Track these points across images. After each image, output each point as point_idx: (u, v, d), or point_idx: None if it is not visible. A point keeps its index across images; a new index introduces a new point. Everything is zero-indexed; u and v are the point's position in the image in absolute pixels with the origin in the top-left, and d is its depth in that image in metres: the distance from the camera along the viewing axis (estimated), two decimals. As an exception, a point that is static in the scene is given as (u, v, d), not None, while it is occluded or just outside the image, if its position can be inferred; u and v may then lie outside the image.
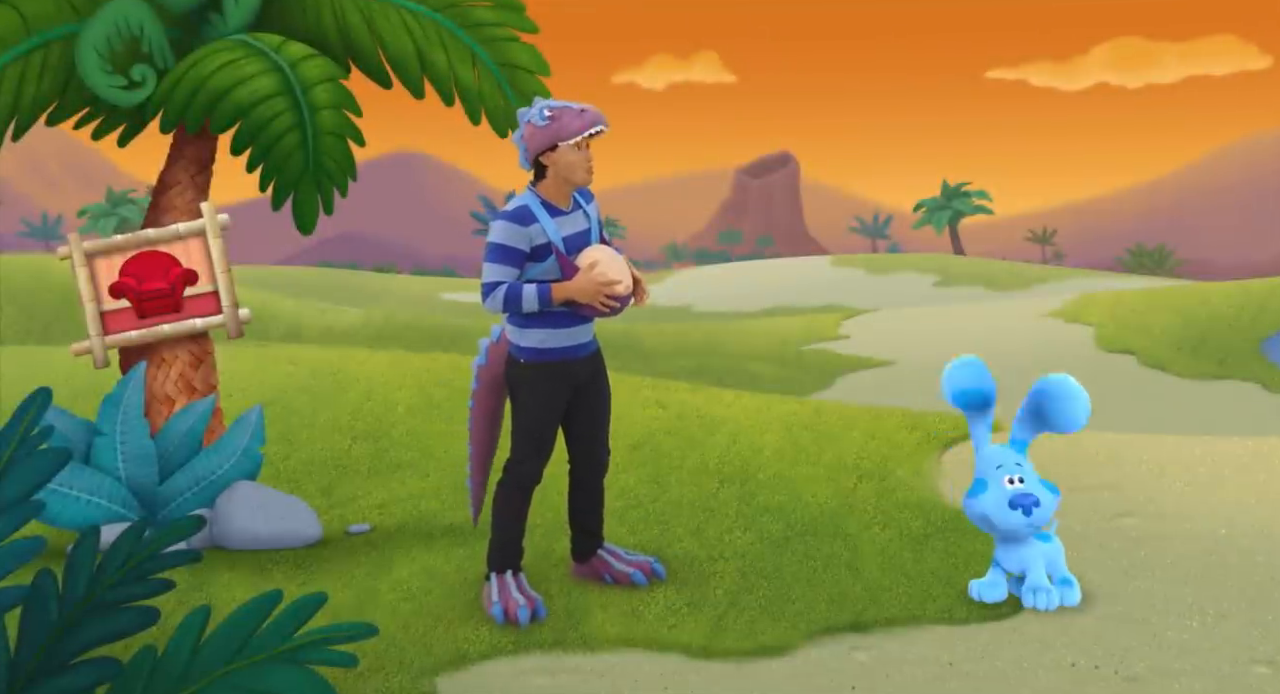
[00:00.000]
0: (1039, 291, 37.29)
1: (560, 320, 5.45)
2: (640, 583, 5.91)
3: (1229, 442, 7.62)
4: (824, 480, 6.89)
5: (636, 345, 22.29)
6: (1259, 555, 6.07)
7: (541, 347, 5.49)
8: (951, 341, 21.67)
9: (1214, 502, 6.18)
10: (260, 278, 38.91)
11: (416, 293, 40.79)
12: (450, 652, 5.41)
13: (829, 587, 5.93)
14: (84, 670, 3.58)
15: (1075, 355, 19.73)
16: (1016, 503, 5.54)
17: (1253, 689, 4.85)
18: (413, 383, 8.01)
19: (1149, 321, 20.43)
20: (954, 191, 67.06)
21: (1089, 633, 5.43)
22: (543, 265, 5.37)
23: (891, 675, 5.19)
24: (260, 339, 20.72)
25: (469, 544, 6.22)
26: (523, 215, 5.36)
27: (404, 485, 6.81)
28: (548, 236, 5.35)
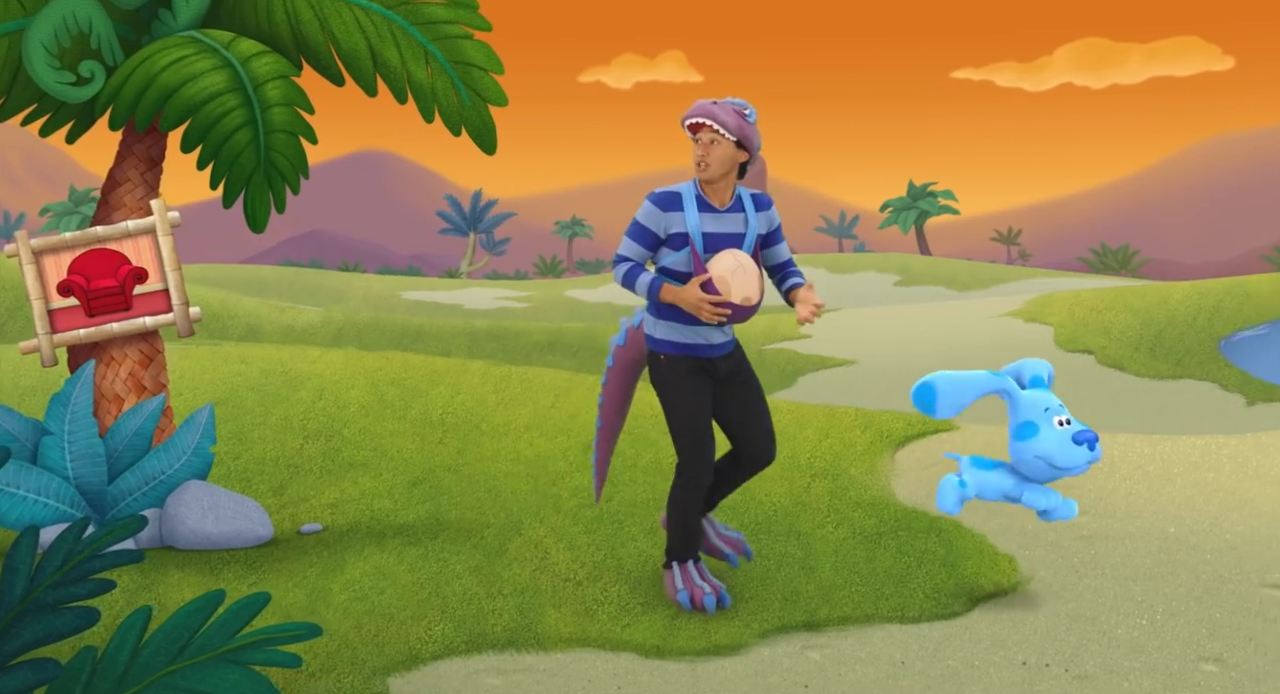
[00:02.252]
0: (999, 291, 37.48)
1: (683, 317, 5.43)
2: (735, 565, 5.94)
3: (1178, 440, 7.68)
4: (777, 479, 6.89)
5: (597, 345, 22.25)
6: (1207, 553, 6.12)
7: (668, 339, 5.50)
8: (912, 341, 21.77)
9: (1163, 500, 6.22)
10: (221, 276, 38.65)
11: (378, 292, 40.55)
12: (402, 652, 5.38)
13: (782, 586, 5.94)
14: (22, 672, 3.54)
15: (1034, 355, 19.74)
16: (1081, 439, 5.46)
17: (1200, 687, 4.88)
18: (365, 382, 7.97)
19: (1107, 321, 20.56)
20: (920, 191, 67.27)
21: (1040, 631, 5.46)
22: (677, 255, 5.39)
23: (844, 674, 5.20)
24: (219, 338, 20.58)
25: (422, 544, 6.19)
26: (666, 200, 5.40)
27: (356, 485, 6.77)
28: (685, 227, 5.36)
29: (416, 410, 7.62)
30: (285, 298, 33.76)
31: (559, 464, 7.01)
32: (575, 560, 6.13)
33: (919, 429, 7.69)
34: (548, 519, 6.46)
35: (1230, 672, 4.98)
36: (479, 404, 7.79)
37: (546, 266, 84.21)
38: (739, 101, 5.43)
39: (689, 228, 5.34)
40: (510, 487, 6.79)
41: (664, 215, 5.36)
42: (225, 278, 38.29)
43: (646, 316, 5.58)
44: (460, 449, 7.16)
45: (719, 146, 5.36)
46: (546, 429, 7.41)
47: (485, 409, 7.72)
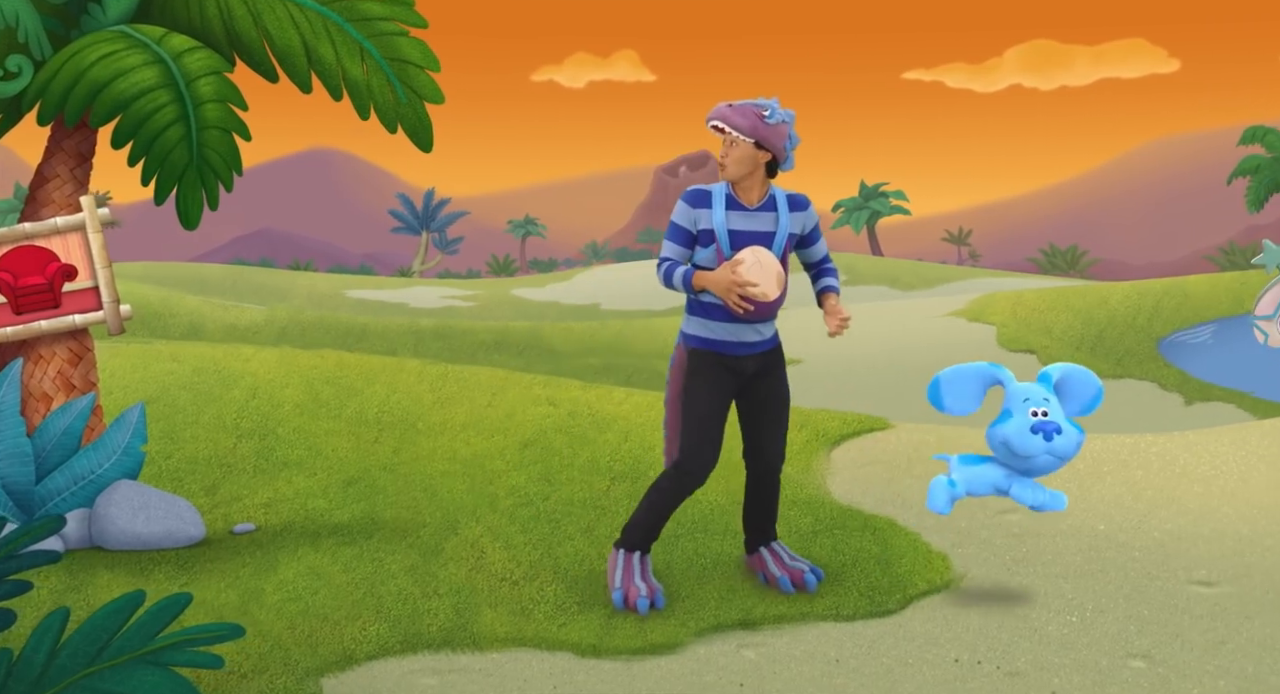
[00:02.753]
0: (943, 291, 37.71)
1: (715, 313, 5.55)
2: (787, 591, 5.87)
3: (1108, 439, 7.76)
4: (715, 478, 6.88)
5: (543, 344, 22.23)
6: (1136, 551, 6.18)
7: (699, 335, 5.63)
8: (857, 341, 21.86)
9: (1093, 498, 6.28)
10: (164, 274, 38.24)
11: (322, 290, 40.28)
12: (336, 652, 5.35)
13: (718, 584, 5.95)
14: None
15: (977, 354, 19.96)
16: (1038, 428, 5.53)
17: (1129, 683, 4.93)
18: (300, 380, 7.90)
19: (1049, 321, 20.75)
20: (872, 192, 67.48)
21: (972, 628, 5.49)
22: (705, 252, 5.53)
23: (779, 672, 5.22)
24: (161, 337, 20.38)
25: (356, 543, 6.16)
26: (696, 198, 5.55)
27: (290, 484, 6.72)
28: (711, 224, 5.49)
29: (352, 409, 7.57)
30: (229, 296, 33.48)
31: (496, 463, 6.99)
32: (511, 560, 6.11)
33: (854, 428, 7.73)
34: (484, 518, 6.44)
35: (1157, 668, 5.03)
36: (415, 403, 7.75)
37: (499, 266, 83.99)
38: (761, 102, 5.54)
39: (714, 224, 5.48)
40: (446, 486, 6.76)
41: (694, 212, 5.52)
42: (168, 276, 37.90)
43: (685, 315, 5.74)
44: (396, 448, 7.13)
45: (737, 148, 5.49)
46: (483, 428, 7.39)
47: (421, 408, 7.68)
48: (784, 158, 5.57)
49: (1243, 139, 35.17)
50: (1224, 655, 5.10)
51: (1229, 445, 7.51)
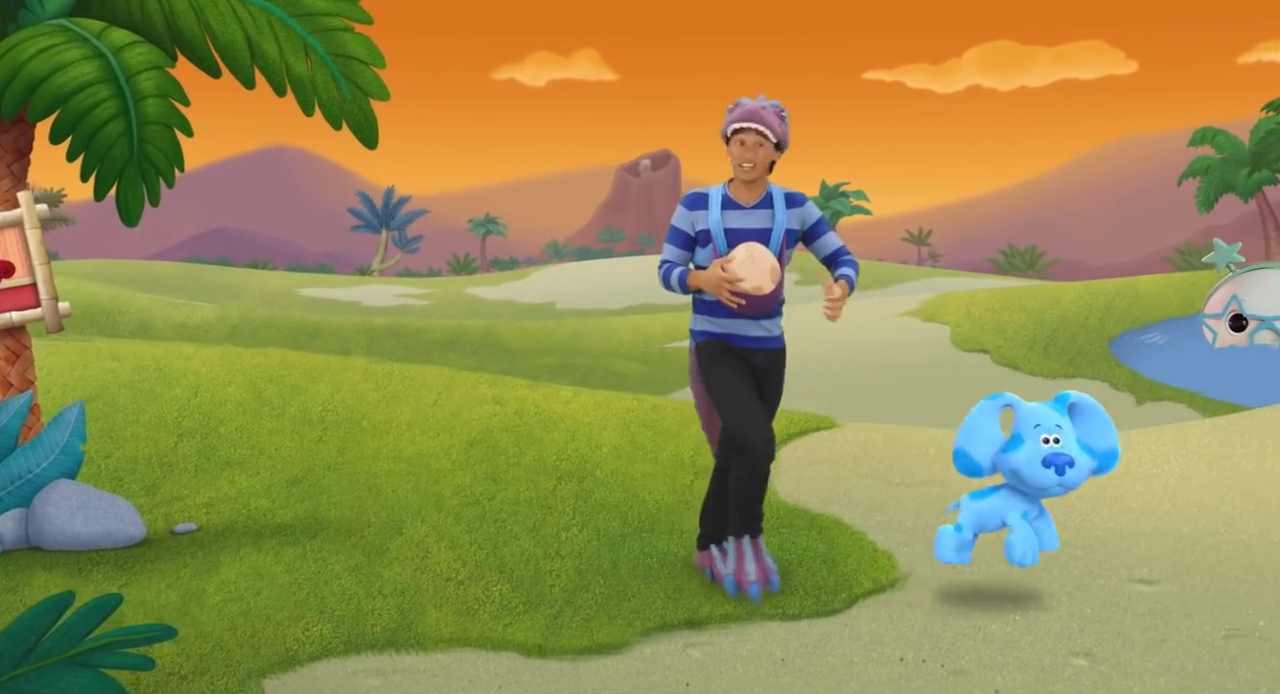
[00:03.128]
0: (898, 291, 37.90)
1: (718, 310, 5.71)
2: (732, 592, 5.88)
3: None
4: (661, 477, 6.90)
5: (498, 343, 22.17)
6: (1078, 549, 6.22)
7: (707, 329, 5.82)
8: (811, 339, 21.91)
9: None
10: (114, 272, 37.90)
11: (274, 289, 40.04)
12: (279, 653, 5.31)
13: (665, 584, 5.95)
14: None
15: (931, 354, 20.10)
16: (1050, 461, 5.46)
17: (1071, 681, 4.95)
18: (243, 379, 7.82)
19: (1003, 321, 20.88)
20: (832, 191, 67.63)
21: (917, 627, 5.51)
22: (704, 251, 5.70)
23: (725, 671, 5.22)
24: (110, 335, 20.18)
25: (300, 543, 6.10)
26: (695, 201, 5.73)
27: (233, 484, 6.66)
28: (708, 225, 5.65)
29: (295, 408, 7.50)
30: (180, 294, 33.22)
31: (441, 462, 6.95)
32: (457, 559, 6.09)
33: (801, 427, 7.74)
34: (429, 518, 6.40)
35: (1099, 666, 5.06)
36: (360, 401, 7.69)
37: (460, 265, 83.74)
38: (775, 103, 5.69)
39: (710, 225, 5.64)
40: (391, 485, 6.72)
41: (691, 214, 5.70)
42: (118, 274, 37.56)
43: (691, 313, 5.90)
44: (340, 447, 7.07)
45: (763, 149, 5.62)
46: (429, 427, 7.34)
47: (366, 407, 7.63)
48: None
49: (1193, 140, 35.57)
50: (1164, 653, 5.13)
51: (1170, 444, 7.57)
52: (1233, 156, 35.68)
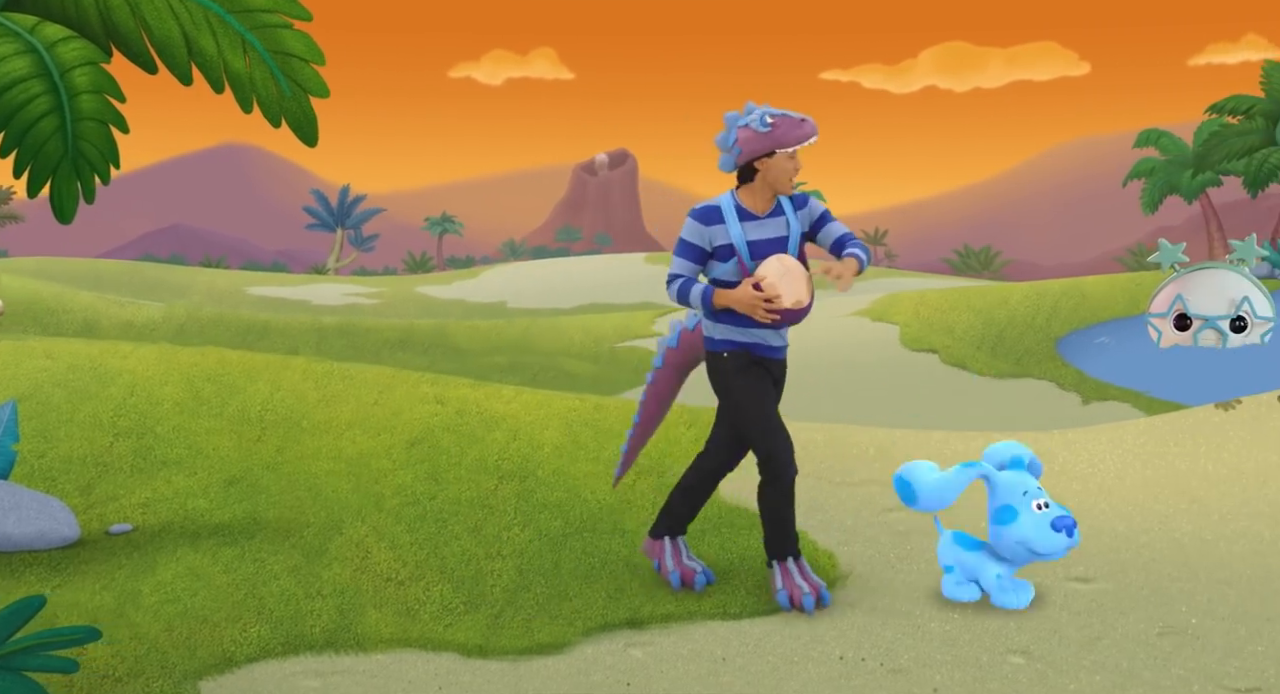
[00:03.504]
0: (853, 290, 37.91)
1: (745, 319, 5.57)
2: (675, 587, 5.90)
3: (990, 437, 7.83)
4: (604, 477, 6.89)
5: (449, 342, 22.07)
6: (1010, 549, 6.24)
7: (734, 338, 5.64)
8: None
9: (974, 496, 6.32)
10: (60, 270, 37.44)
11: (222, 287, 39.66)
12: (215, 655, 5.27)
13: (606, 583, 5.94)
14: None
15: (880, 353, 20.16)
16: (1059, 526, 5.48)
17: (1008, 678, 4.98)
18: (180, 378, 7.74)
19: (951, 321, 20.98)
20: (789, 191, 67.73)
21: (857, 626, 5.53)
22: (725, 265, 5.54)
23: (666, 671, 5.22)
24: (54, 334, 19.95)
25: (238, 544, 6.05)
26: (709, 215, 5.55)
27: (169, 484, 6.58)
28: (729, 239, 5.50)
29: (234, 407, 7.43)
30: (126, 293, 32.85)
31: (382, 462, 6.90)
32: (397, 560, 6.05)
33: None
34: (369, 518, 6.36)
35: (1035, 663, 5.10)
36: (299, 401, 7.63)
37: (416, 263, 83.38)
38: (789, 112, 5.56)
39: (733, 239, 5.50)
40: (331, 485, 6.67)
41: (707, 229, 5.53)
42: (63, 272, 37.12)
43: (705, 322, 5.72)
44: (279, 447, 7.01)
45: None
46: (369, 427, 7.30)
47: (306, 406, 7.57)
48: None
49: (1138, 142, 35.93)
50: (1099, 651, 5.17)
51: (1106, 444, 7.63)
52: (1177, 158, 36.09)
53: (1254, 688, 4.77)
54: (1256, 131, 29.36)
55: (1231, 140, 29.64)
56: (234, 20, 6.00)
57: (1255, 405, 7.61)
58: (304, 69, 6.19)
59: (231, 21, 6.00)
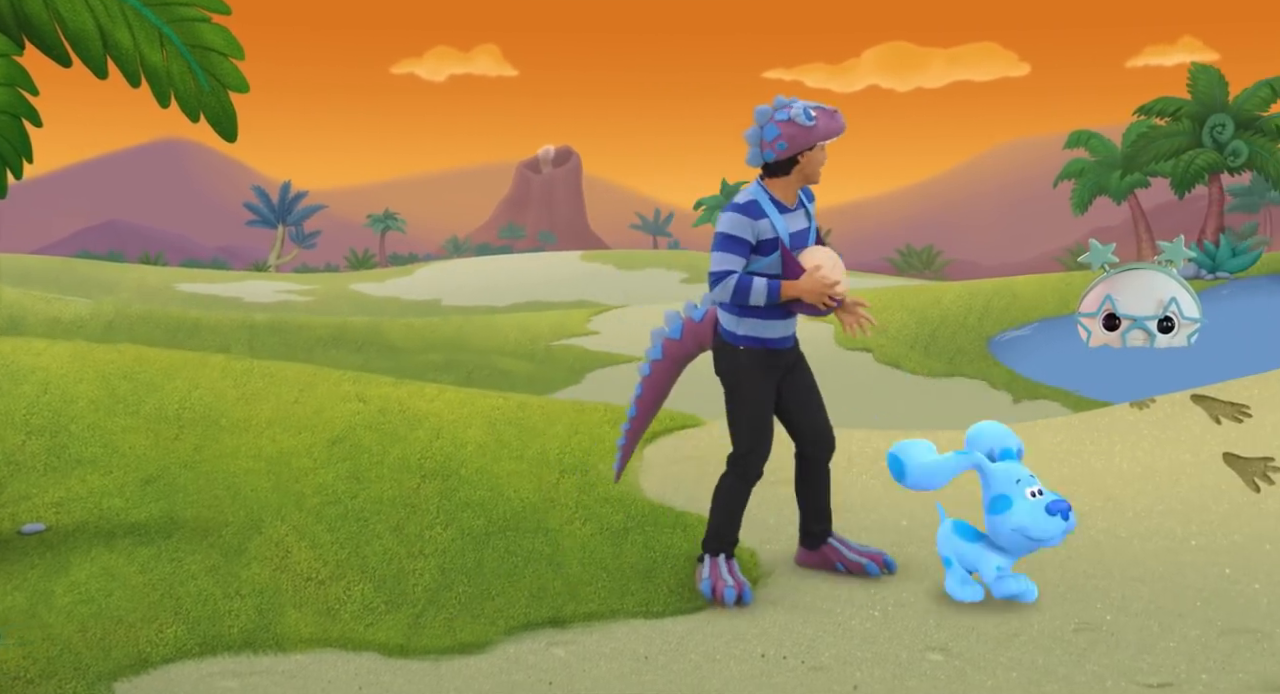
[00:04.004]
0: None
1: (773, 313, 5.62)
2: (873, 573, 5.96)
3: (911, 435, 7.89)
4: (527, 475, 6.86)
5: (383, 340, 21.95)
6: (935, 546, 6.29)
7: (756, 335, 5.67)
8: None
9: (897, 494, 6.39)
10: (-11, 266, 36.89)
11: (152, 284, 39.23)
12: (131, 655, 5.21)
13: (529, 582, 5.93)
14: None
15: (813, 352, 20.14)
16: (1054, 509, 5.46)
17: (926, 675, 5.02)
18: (95, 376, 7.61)
19: (885, 320, 21.12)
20: (733, 190, 67.59)
21: (778, 624, 5.55)
22: (767, 260, 5.54)
23: (588, 670, 5.22)
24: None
25: (154, 543, 5.98)
26: (753, 209, 5.52)
27: (84, 483, 6.48)
28: (775, 232, 5.52)
29: (151, 405, 7.33)
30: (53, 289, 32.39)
31: (303, 461, 6.84)
32: (318, 559, 6.01)
33: (666, 425, 7.75)
34: (289, 517, 6.30)
35: (954, 660, 5.14)
36: (218, 399, 7.54)
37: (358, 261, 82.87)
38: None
39: (779, 232, 5.52)
40: (250, 484, 6.59)
41: (754, 223, 5.52)
42: (-10, 267, 36.55)
43: (725, 315, 5.71)
44: (198, 445, 6.93)
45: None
46: (290, 425, 7.22)
47: (225, 404, 7.48)
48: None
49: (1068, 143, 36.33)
50: (1016, 647, 5.22)
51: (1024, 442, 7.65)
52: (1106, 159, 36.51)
53: (1166, 683, 4.83)
54: (1183, 133, 29.76)
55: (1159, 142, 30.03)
56: (150, 13, 5.92)
57: (1169, 404, 7.71)
58: (223, 63, 6.12)
59: (148, 14, 5.92)
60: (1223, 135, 29.29)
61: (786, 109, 5.51)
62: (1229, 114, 29.40)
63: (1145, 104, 30.62)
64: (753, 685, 5.02)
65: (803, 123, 5.47)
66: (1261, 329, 19.97)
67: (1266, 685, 4.74)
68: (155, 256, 72.75)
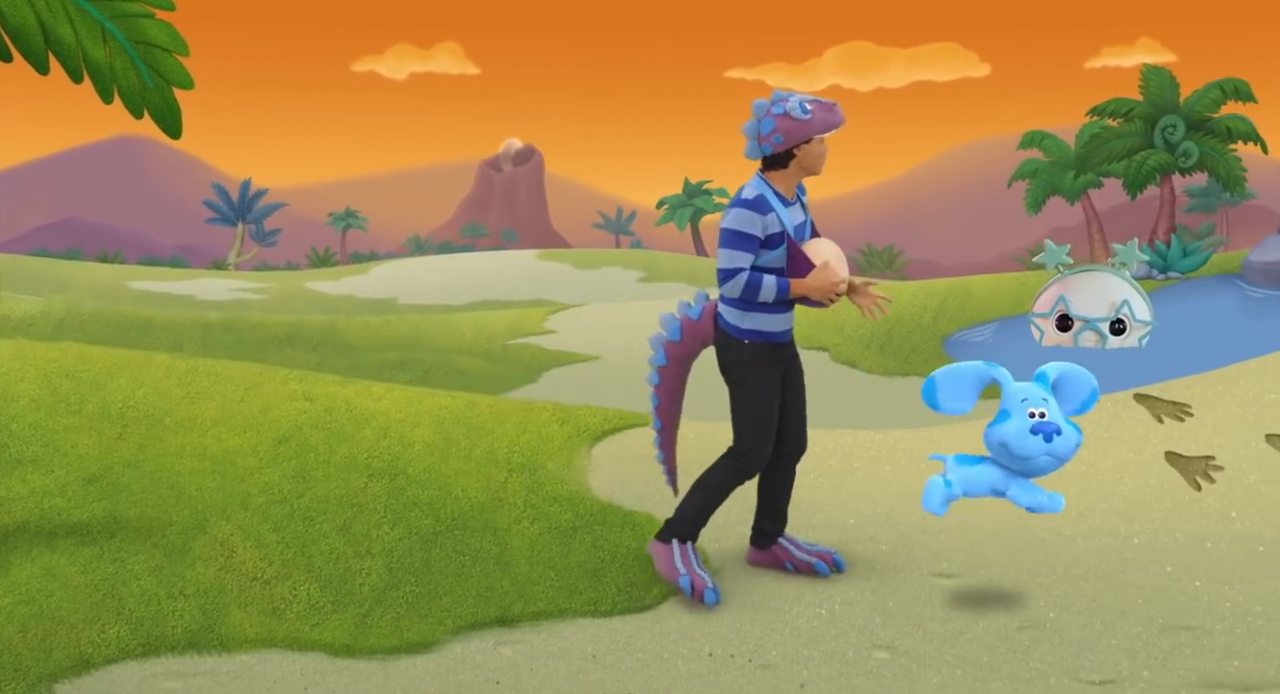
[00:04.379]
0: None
1: (777, 307, 5.65)
2: (823, 573, 5.94)
3: (859, 434, 7.92)
4: (475, 474, 6.83)
5: (339, 338, 21.83)
6: (883, 544, 6.32)
7: (756, 328, 5.67)
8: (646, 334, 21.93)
9: (843, 492, 6.42)
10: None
11: (104, 281, 38.89)
12: (72, 656, 5.17)
13: (477, 582, 5.91)
14: None
15: (770, 351, 20.27)
16: (1038, 429, 5.45)
17: (873, 673, 5.05)
18: (36, 374, 7.50)
19: (840, 319, 21.17)
20: (695, 189, 67.86)
21: (726, 623, 5.56)
22: (773, 254, 5.57)
23: (536, 669, 5.22)
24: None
25: (97, 543, 5.92)
26: (760, 204, 5.53)
27: (25, 482, 6.39)
28: (782, 226, 5.55)
29: (94, 404, 7.24)
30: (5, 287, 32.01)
31: (248, 460, 6.78)
32: (263, 559, 5.97)
33: (615, 424, 7.74)
34: (235, 517, 6.25)
35: (900, 658, 5.17)
36: (163, 398, 7.46)
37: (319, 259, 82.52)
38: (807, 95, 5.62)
39: (785, 226, 5.55)
40: (195, 483, 6.52)
41: (762, 218, 5.52)
42: (-59, 264, 36.11)
43: (730, 310, 5.69)
44: (142, 444, 6.85)
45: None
46: (235, 424, 7.16)
47: (169, 403, 7.40)
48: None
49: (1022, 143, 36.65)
50: (961, 645, 5.25)
51: (973, 440, 7.71)
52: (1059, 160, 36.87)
53: (1108, 680, 4.87)
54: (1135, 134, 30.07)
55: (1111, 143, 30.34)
56: (93, 9, 5.86)
57: (1112, 404, 7.76)
58: (167, 60, 6.08)
59: (90, 10, 5.86)
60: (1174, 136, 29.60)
61: (783, 102, 5.53)
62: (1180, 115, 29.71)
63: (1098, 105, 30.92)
64: (700, 684, 5.03)
65: (797, 116, 5.48)
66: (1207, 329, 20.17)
67: (1205, 682, 4.79)
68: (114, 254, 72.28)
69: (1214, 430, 7.25)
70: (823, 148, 5.57)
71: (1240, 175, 29.83)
